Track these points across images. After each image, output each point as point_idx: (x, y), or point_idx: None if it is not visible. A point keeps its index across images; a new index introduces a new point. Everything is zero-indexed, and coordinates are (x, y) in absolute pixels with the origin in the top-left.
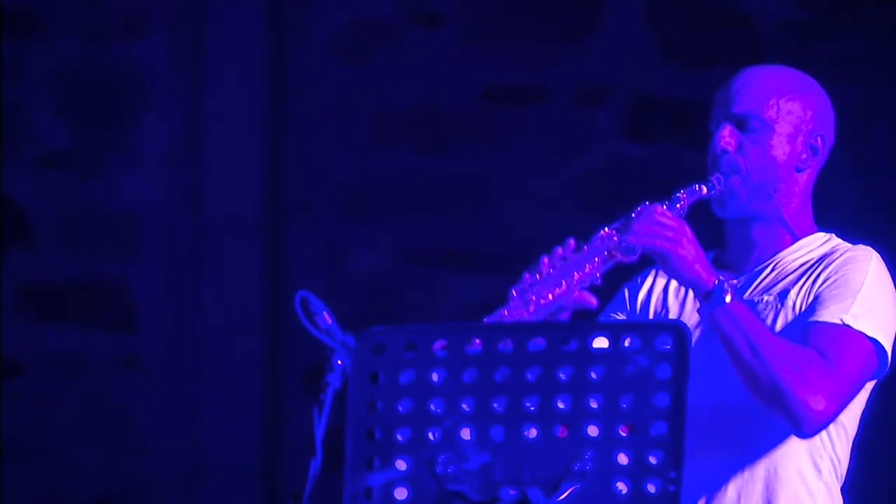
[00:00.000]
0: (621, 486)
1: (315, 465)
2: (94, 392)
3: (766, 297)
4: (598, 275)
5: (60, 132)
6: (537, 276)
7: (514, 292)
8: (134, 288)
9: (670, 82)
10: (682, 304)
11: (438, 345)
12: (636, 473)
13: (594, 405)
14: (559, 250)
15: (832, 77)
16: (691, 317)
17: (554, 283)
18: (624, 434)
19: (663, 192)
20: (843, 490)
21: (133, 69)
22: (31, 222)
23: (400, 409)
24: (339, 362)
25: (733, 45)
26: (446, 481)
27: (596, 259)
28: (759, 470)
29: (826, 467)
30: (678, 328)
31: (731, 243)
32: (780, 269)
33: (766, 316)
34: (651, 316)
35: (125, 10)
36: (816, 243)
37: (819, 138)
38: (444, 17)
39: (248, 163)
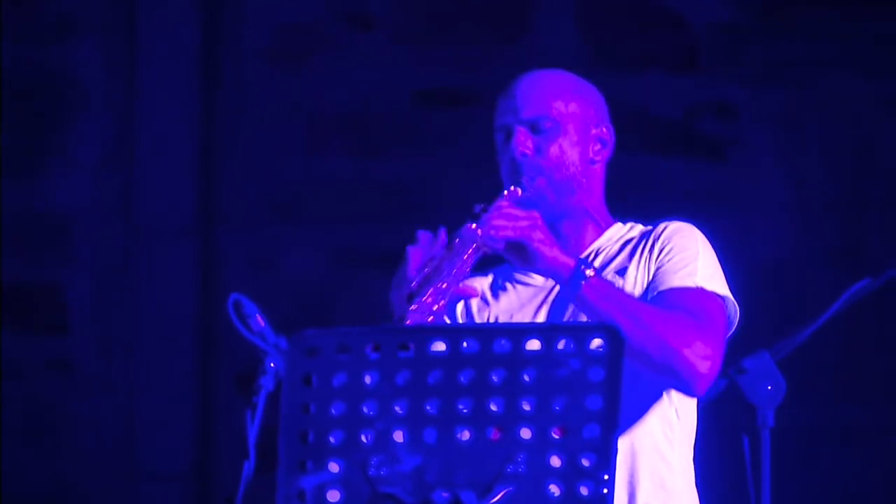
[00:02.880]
0: (554, 489)
1: (248, 467)
2: (26, 394)
3: (605, 275)
4: (469, 268)
5: None
6: (425, 271)
7: (413, 285)
8: (66, 290)
9: (602, 85)
10: (509, 306)
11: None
12: (569, 475)
13: (527, 408)
14: (438, 240)
15: (764, 78)
16: (523, 310)
17: (442, 280)
18: (557, 436)
19: None
20: (694, 458)
21: (66, 72)
22: None
23: (333, 411)
24: (272, 365)
25: (666, 47)
26: (379, 484)
27: (469, 251)
28: (622, 444)
29: (677, 437)
30: (612, 330)
31: None
32: (603, 253)
33: None
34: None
35: (58, 13)
36: (625, 230)
37: (604, 129)
38: (376, 20)
39: (181, 166)
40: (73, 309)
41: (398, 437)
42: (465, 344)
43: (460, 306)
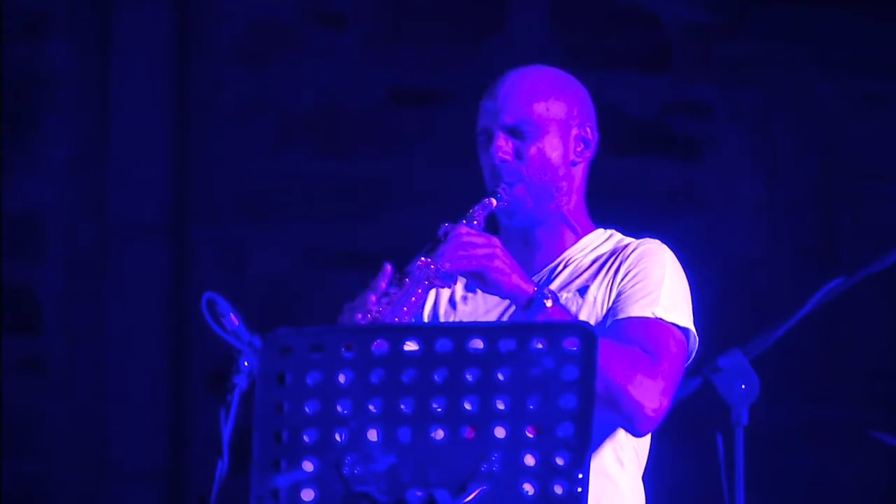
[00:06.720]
0: (528, 488)
1: (221, 466)
2: None
3: (564, 294)
4: (422, 304)
5: None
6: (368, 317)
7: None
8: (38, 289)
9: None
10: (475, 311)
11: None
12: (543, 474)
13: (501, 406)
14: (382, 284)
15: (736, 78)
16: (488, 315)
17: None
18: (531, 435)
19: None
20: (643, 477)
21: (37, 71)
22: None
23: (307, 410)
24: (246, 364)
25: (638, 47)
26: (353, 483)
27: (419, 290)
28: None
29: (628, 459)
30: (586, 330)
31: (511, 247)
32: (573, 265)
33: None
34: None
35: (28, 11)
36: (601, 239)
37: (588, 129)
38: (347, 19)
39: (153, 165)
40: (45, 308)
41: (372, 435)
42: (439, 343)
43: (428, 309)
